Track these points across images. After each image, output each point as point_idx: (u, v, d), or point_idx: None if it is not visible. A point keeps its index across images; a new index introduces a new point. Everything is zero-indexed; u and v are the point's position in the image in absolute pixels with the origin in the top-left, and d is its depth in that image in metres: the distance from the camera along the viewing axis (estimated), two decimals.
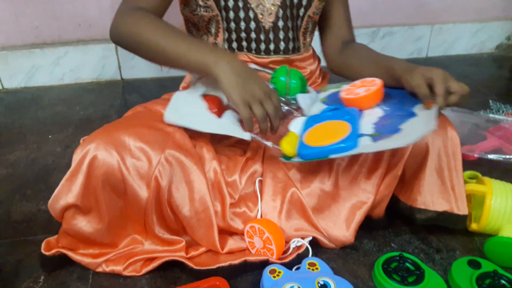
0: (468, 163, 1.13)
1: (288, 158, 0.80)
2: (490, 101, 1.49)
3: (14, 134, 1.35)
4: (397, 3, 1.82)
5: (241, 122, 0.82)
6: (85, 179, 0.75)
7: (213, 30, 0.94)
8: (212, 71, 0.76)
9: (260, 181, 0.88)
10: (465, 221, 0.87)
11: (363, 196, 0.85)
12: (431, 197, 0.85)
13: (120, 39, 0.85)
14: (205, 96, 0.86)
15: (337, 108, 0.85)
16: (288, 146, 0.79)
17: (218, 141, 0.92)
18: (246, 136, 0.80)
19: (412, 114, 0.77)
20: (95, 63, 1.68)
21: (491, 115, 1.33)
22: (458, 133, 0.84)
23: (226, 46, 0.94)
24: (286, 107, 0.90)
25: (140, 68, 1.71)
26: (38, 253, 0.82)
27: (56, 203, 0.76)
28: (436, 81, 0.75)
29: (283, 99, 0.91)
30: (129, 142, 0.76)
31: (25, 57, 1.61)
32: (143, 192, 0.77)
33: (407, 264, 0.80)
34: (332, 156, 0.73)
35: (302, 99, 0.90)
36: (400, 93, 0.89)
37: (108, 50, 1.66)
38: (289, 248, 0.85)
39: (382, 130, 0.76)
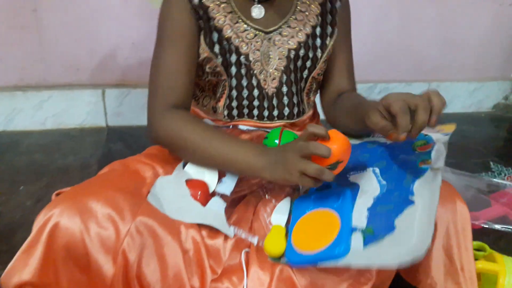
0: (473, 232, 1.05)
1: (276, 258, 0.73)
2: (491, 163, 1.44)
3: None
4: (395, 59, 1.80)
5: (226, 210, 0.77)
6: (45, 251, 0.66)
7: (218, 94, 0.90)
8: (260, 176, 0.75)
9: (247, 253, 0.78)
10: None
11: (363, 275, 0.75)
12: (438, 278, 0.75)
13: (164, 144, 0.84)
14: (190, 181, 0.79)
15: (328, 185, 0.77)
16: (273, 247, 0.72)
17: None
18: (230, 232, 0.75)
19: (409, 202, 0.70)
20: (80, 108, 1.61)
21: (494, 179, 1.27)
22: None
23: (225, 112, 0.89)
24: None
25: (127, 115, 1.64)
26: None
27: (10, 280, 0.67)
28: (395, 108, 0.67)
29: None
30: (97, 208, 0.68)
31: (6, 99, 1.54)
32: (108, 267, 0.68)
33: None
34: (321, 265, 0.67)
35: None
36: (400, 150, 0.82)
37: (95, 95, 1.60)
38: None
39: (376, 224, 0.69)
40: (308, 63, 0.88)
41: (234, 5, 0.85)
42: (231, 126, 0.90)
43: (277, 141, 0.84)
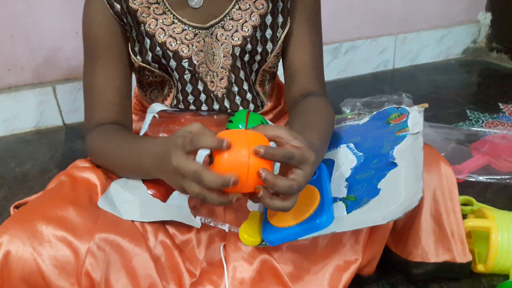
0: (458, 186, 1.02)
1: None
2: (468, 111, 1.41)
3: None
4: (358, 16, 1.72)
5: (189, 201, 0.70)
6: None
7: (165, 91, 0.83)
8: (155, 177, 0.67)
9: (224, 246, 0.72)
10: (469, 268, 0.75)
11: (350, 255, 0.71)
12: (429, 248, 0.72)
13: (94, 162, 0.78)
14: (147, 180, 0.73)
15: None
16: (249, 236, 0.64)
17: None
18: (196, 222, 0.69)
19: (391, 164, 0.65)
20: (32, 110, 1.50)
21: (472, 128, 1.24)
22: (442, 152, 0.71)
23: (174, 110, 0.82)
24: None
25: (83, 111, 1.52)
26: None
27: None
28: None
29: None
30: (48, 232, 0.61)
31: None
32: None
33: None
34: (304, 237, 0.59)
35: None
36: (374, 127, 0.77)
37: (45, 94, 1.49)
38: None
39: (358, 190, 0.64)
40: (257, 57, 0.79)
41: (168, 3, 0.74)
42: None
43: (241, 126, 0.76)
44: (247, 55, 0.78)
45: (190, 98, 0.79)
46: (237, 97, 0.80)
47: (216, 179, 0.51)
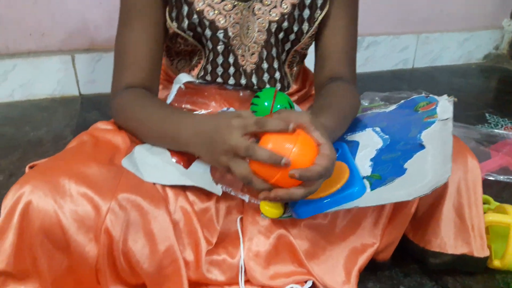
0: None
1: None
2: (487, 115, 1.39)
3: None
4: (382, 11, 1.71)
5: (212, 169, 0.70)
6: (17, 236, 0.59)
7: (193, 62, 0.82)
8: (191, 152, 0.69)
9: (241, 219, 0.72)
10: (485, 263, 0.75)
11: (368, 238, 0.70)
12: (448, 239, 0.71)
13: (118, 123, 0.78)
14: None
15: None
16: (271, 208, 0.65)
17: None
18: (217, 190, 0.68)
19: (419, 146, 0.63)
20: (49, 77, 1.49)
21: (494, 130, 1.23)
22: None
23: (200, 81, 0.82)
24: None
25: (100, 82, 1.53)
26: None
27: None
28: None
29: None
30: (70, 187, 0.60)
31: None
32: (91, 248, 0.61)
33: None
34: (334, 209, 0.58)
35: None
36: (401, 114, 0.76)
37: (64, 62, 1.48)
38: None
39: (383, 169, 0.63)
40: (292, 37, 0.78)
41: None
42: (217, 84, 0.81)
43: (267, 104, 0.75)
44: (282, 33, 0.77)
45: (219, 70, 0.78)
46: (266, 74, 0.80)
47: (268, 153, 0.55)
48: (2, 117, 1.39)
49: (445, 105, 0.70)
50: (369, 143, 0.71)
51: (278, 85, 0.82)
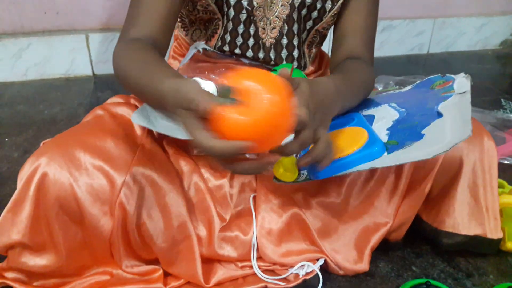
0: None
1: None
2: (503, 100, 1.37)
3: None
4: None
5: None
6: (34, 208, 0.60)
7: (209, 31, 0.80)
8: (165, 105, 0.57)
9: (254, 197, 0.73)
10: (498, 245, 0.74)
11: (381, 218, 0.70)
12: (461, 219, 0.71)
13: (115, 74, 0.70)
14: None
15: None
16: (285, 171, 0.61)
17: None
18: None
19: (437, 115, 0.62)
20: (63, 56, 1.49)
21: (510, 115, 1.21)
22: None
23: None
24: None
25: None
26: None
27: None
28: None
29: None
30: (85, 160, 0.61)
31: None
32: (105, 221, 0.62)
33: None
34: (353, 169, 0.58)
35: None
36: (417, 92, 0.75)
37: (77, 41, 1.48)
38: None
39: (400, 136, 0.62)
40: (314, 14, 0.77)
41: None
42: (233, 56, 0.80)
43: None
44: (305, 9, 0.76)
45: (239, 40, 0.77)
46: (284, 51, 0.79)
47: (227, 147, 0.44)
48: (17, 96, 1.40)
49: (462, 82, 0.69)
50: (385, 115, 0.70)
51: (295, 63, 0.81)
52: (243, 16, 0.75)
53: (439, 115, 0.62)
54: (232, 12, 0.74)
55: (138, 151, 0.65)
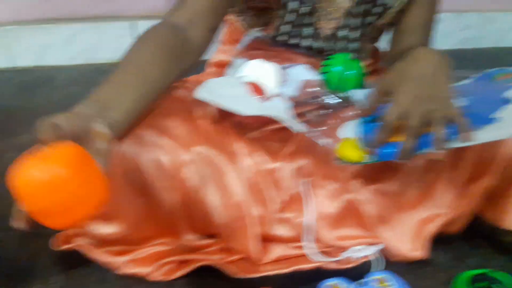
0: None
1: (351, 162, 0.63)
2: None
3: (25, 116, 1.21)
4: None
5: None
6: None
7: (265, 19, 0.79)
8: None
9: (310, 182, 0.73)
10: None
11: (438, 209, 0.70)
12: None
13: None
14: (247, 83, 0.72)
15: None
16: (351, 150, 0.61)
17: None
18: (300, 127, 0.67)
19: (506, 101, 0.62)
20: (112, 42, 1.53)
21: None
22: None
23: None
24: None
25: None
26: (50, 250, 0.72)
27: None
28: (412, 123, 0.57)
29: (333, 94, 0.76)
30: (150, 138, 0.63)
31: (35, 33, 1.47)
32: (169, 195, 0.64)
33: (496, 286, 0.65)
34: (424, 151, 0.57)
35: (359, 97, 0.74)
36: (478, 85, 0.74)
37: (126, 28, 1.52)
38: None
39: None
40: (376, 10, 0.77)
41: None
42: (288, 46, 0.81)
43: (336, 69, 0.75)
44: (368, 4, 0.76)
45: (295, 30, 0.78)
46: (340, 43, 0.79)
47: None
48: (68, 78, 1.45)
49: None
50: None
51: (350, 56, 0.81)
52: (303, 7, 0.75)
53: (507, 101, 0.61)
54: (291, 4, 0.75)
55: (200, 132, 0.67)
